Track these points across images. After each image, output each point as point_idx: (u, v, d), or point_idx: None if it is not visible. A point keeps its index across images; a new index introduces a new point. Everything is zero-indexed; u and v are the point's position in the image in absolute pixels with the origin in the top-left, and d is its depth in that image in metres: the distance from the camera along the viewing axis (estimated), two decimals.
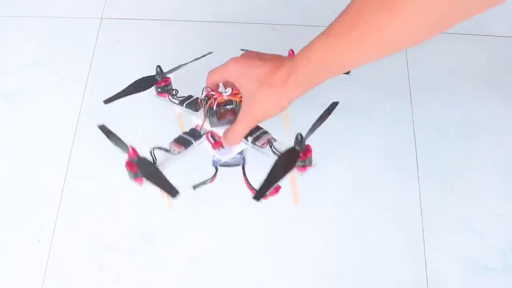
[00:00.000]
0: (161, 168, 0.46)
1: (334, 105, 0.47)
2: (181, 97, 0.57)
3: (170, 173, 0.45)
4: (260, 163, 0.44)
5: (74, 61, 0.72)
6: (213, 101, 0.46)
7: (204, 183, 0.50)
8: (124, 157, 0.56)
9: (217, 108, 0.45)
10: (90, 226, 0.60)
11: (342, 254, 0.59)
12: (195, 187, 0.50)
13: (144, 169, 0.45)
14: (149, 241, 0.59)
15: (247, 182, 0.49)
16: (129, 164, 0.47)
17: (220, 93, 0.46)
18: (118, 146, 0.47)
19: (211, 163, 0.52)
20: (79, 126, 0.67)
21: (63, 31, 0.74)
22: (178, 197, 0.43)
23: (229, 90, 0.45)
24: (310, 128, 0.45)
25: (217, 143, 0.47)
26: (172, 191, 0.44)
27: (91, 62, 0.72)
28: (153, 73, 0.68)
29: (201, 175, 0.51)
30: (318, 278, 0.57)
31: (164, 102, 0.59)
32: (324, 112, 0.47)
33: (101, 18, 0.75)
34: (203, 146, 0.49)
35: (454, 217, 0.61)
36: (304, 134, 0.43)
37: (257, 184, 0.44)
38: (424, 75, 0.71)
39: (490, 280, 0.57)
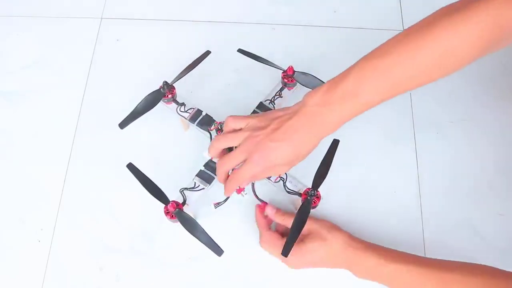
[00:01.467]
0: (198, 219, 0.52)
1: (335, 143, 0.52)
2: (190, 109, 0.59)
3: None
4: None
5: (74, 61, 0.72)
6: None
7: (224, 201, 0.54)
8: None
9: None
10: (90, 226, 0.60)
11: None
12: (216, 206, 0.54)
13: (186, 223, 0.50)
14: (149, 241, 0.59)
15: (254, 194, 0.55)
16: (169, 214, 0.52)
17: None
18: (152, 193, 0.52)
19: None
20: (79, 126, 0.67)
21: (63, 31, 0.74)
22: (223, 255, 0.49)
23: None
24: (319, 174, 0.52)
25: (240, 189, 0.53)
26: (216, 250, 0.49)
27: (91, 62, 0.72)
28: (153, 73, 0.68)
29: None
30: (318, 277, 0.57)
31: (167, 105, 0.59)
32: (328, 153, 0.53)
33: (101, 18, 0.75)
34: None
35: (454, 217, 0.61)
36: (314, 182, 0.51)
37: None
38: None
39: None
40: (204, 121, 0.58)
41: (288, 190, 0.54)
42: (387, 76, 0.43)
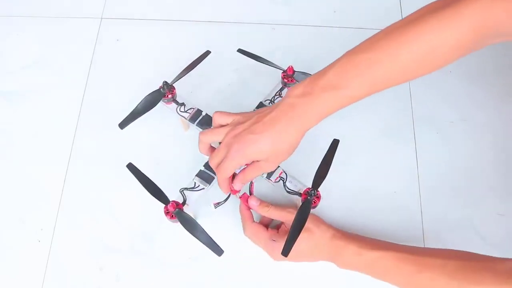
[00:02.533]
0: (197, 219, 0.53)
1: (335, 143, 0.52)
2: (190, 109, 0.58)
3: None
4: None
5: (74, 61, 0.72)
6: None
7: (224, 201, 0.54)
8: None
9: None
10: (90, 226, 0.60)
11: None
12: (216, 206, 0.54)
13: (186, 223, 0.50)
14: (149, 241, 0.59)
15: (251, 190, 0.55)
16: (169, 214, 0.51)
17: None
18: (152, 193, 0.52)
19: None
20: (79, 126, 0.67)
21: (63, 31, 0.74)
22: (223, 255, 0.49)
23: None
24: (319, 173, 0.51)
25: (234, 191, 0.52)
26: (216, 250, 0.49)
27: (91, 62, 0.72)
28: (153, 73, 0.68)
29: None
30: (318, 278, 0.57)
31: (167, 105, 0.59)
32: (328, 153, 0.53)
33: (101, 18, 0.75)
34: None
35: (454, 217, 0.61)
36: (314, 182, 0.51)
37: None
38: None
39: None
40: (204, 121, 0.58)
41: (288, 190, 0.54)
42: (369, 71, 0.42)
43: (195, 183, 0.54)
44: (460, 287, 0.43)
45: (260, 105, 0.60)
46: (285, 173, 0.55)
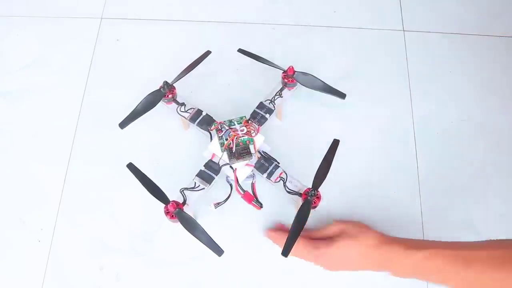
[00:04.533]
0: (198, 219, 0.52)
1: (336, 143, 0.52)
2: (190, 109, 0.58)
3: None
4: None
5: (74, 61, 0.72)
6: (231, 141, 0.53)
7: (225, 201, 0.55)
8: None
9: (236, 149, 0.53)
10: (90, 226, 0.60)
11: None
12: (216, 206, 0.55)
13: (186, 223, 0.50)
14: (149, 241, 0.59)
15: (255, 195, 0.54)
16: (169, 214, 0.51)
17: (235, 130, 0.53)
18: (152, 192, 0.52)
19: (225, 179, 0.56)
20: (79, 126, 0.67)
21: (63, 31, 0.74)
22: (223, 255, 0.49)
23: (244, 129, 0.54)
24: (319, 174, 0.52)
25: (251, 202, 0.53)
26: (216, 250, 0.49)
27: (91, 62, 0.72)
28: (153, 73, 0.68)
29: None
30: (318, 278, 0.57)
31: (167, 105, 0.59)
32: (328, 153, 0.53)
33: (101, 18, 0.75)
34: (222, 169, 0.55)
35: (454, 217, 0.61)
36: (314, 182, 0.51)
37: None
38: (424, 75, 0.71)
39: None
40: (204, 121, 0.58)
41: (288, 190, 0.54)
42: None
43: (195, 183, 0.54)
44: (508, 278, 0.44)
45: (261, 105, 0.60)
46: (285, 173, 0.55)
